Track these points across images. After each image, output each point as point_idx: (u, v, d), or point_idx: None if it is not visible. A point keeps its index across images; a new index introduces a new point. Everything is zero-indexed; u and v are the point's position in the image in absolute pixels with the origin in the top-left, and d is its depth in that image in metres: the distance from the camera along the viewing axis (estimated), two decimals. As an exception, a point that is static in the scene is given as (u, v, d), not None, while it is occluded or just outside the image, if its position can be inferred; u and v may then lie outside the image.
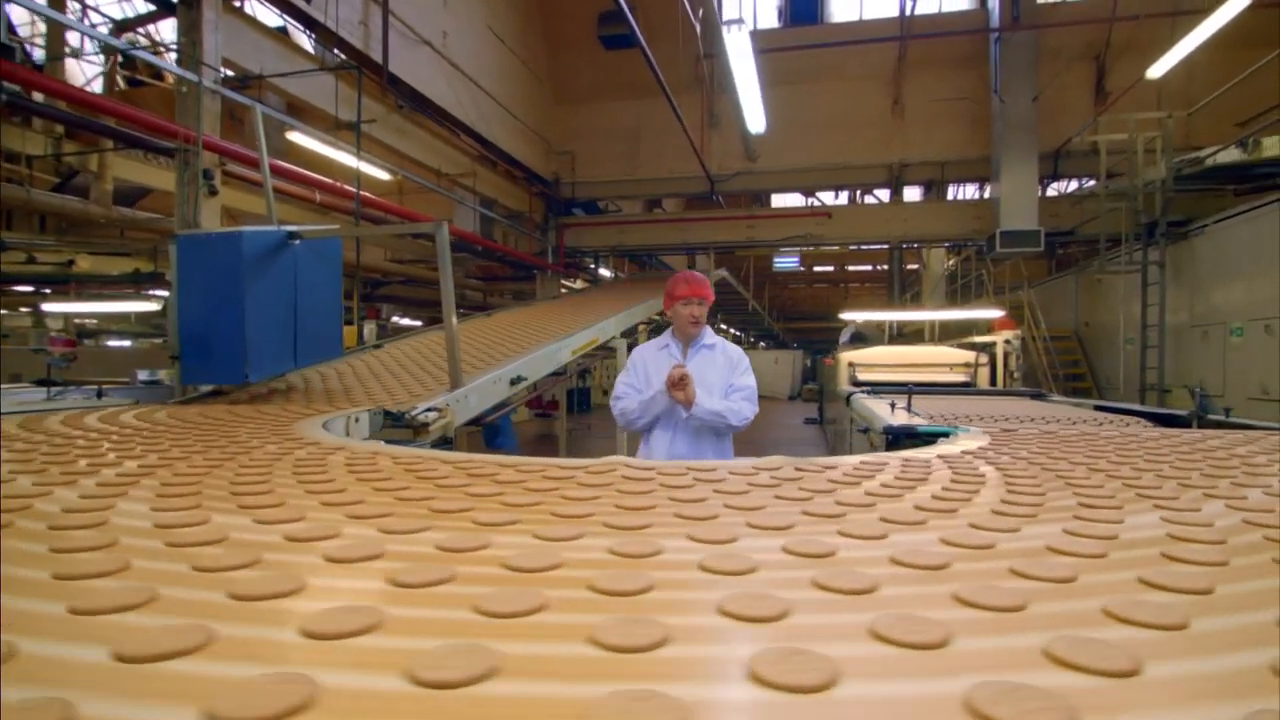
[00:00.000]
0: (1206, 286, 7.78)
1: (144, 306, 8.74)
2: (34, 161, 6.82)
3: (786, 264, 25.90)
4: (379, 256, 12.11)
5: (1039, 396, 5.80)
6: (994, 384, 7.47)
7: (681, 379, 2.38)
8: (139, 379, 3.85)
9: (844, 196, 14.89)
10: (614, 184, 12.61)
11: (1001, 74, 9.79)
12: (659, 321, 8.40)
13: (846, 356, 8.02)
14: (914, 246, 14.34)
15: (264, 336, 3.18)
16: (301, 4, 6.16)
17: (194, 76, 4.92)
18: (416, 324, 15.18)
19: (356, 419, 2.61)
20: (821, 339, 27.84)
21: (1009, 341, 7.78)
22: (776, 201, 15.96)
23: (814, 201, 14.30)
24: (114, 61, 8.27)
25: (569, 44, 11.84)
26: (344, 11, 6.57)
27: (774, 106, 8.68)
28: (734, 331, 30.69)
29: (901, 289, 14.49)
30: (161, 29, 9.48)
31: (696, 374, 2.46)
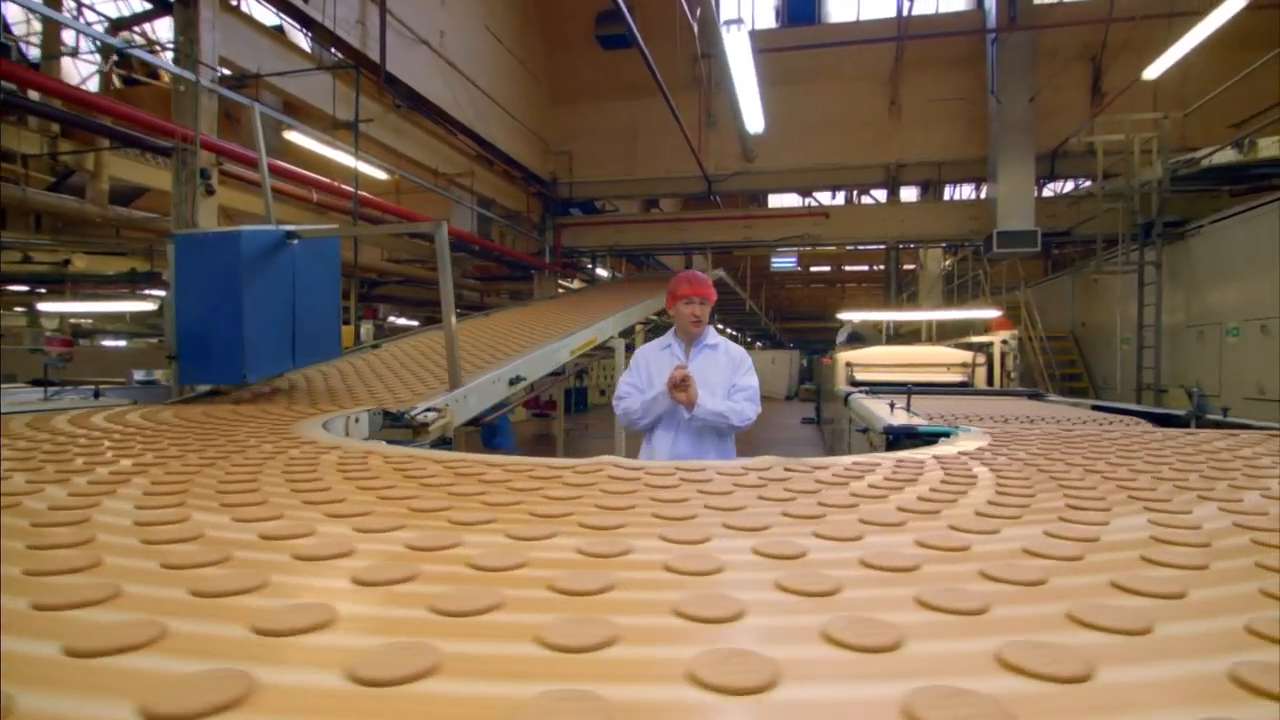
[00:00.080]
0: (1202, 287, 7.81)
1: (140, 306, 8.70)
2: (30, 160, 6.79)
3: (784, 264, 25.99)
4: (375, 256, 12.10)
5: (1036, 396, 5.81)
6: (991, 384, 7.47)
7: (683, 380, 2.36)
8: (135, 379, 3.83)
9: (841, 197, 14.88)
10: (611, 184, 12.59)
11: (998, 75, 9.80)
12: (657, 321, 8.40)
13: (844, 356, 8.03)
14: (911, 247, 14.39)
15: (262, 336, 3.16)
16: (299, 3, 6.14)
17: (191, 75, 4.90)
18: (413, 324, 15.15)
19: (356, 419, 2.60)
20: (818, 339, 27.87)
21: (1006, 341, 7.78)
22: (774, 202, 15.97)
23: (811, 202, 14.30)
24: (110, 60, 8.24)
25: (567, 43, 11.83)
26: (341, 10, 6.55)
27: (771, 107, 8.69)
28: (731, 331, 30.69)
29: (898, 289, 14.48)
30: (158, 27, 9.44)
31: (699, 374, 2.44)
